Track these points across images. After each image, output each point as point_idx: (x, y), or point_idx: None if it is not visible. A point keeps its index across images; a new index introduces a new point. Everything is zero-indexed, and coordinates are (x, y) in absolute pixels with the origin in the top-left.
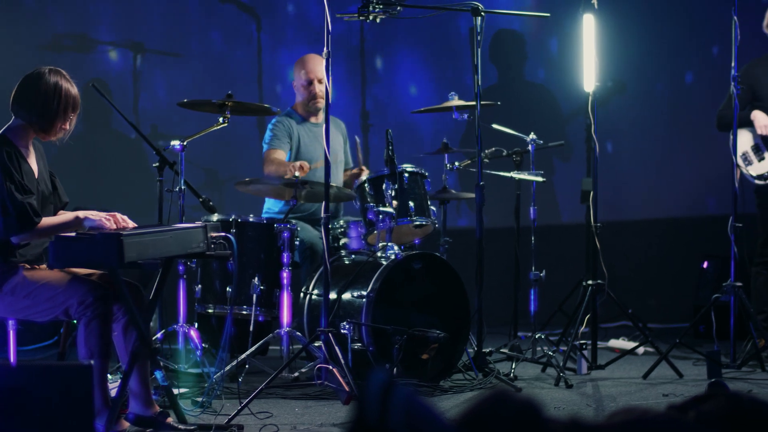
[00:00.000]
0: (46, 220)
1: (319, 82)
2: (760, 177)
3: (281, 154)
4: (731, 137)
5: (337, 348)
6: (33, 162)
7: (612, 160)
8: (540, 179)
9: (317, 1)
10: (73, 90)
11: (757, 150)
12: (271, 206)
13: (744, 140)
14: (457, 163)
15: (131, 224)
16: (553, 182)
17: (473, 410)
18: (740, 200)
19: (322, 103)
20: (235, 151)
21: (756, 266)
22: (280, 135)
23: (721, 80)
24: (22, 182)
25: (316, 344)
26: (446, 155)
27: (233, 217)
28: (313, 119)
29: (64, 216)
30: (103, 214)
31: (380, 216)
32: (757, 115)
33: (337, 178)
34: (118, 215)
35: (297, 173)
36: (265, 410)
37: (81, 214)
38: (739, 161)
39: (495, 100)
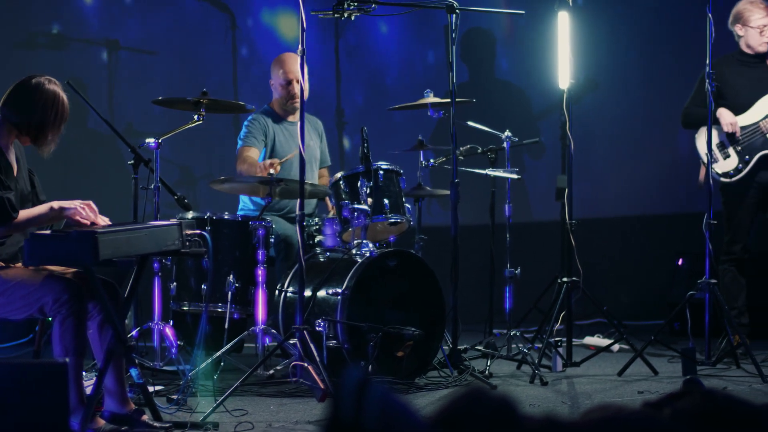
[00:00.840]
0: (23, 213)
1: (297, 82)
2: (725, 174)
3: (255, 152)
4: (696, 135)
5: (312, 345)
6: (13, 159)
7: (587, 157)
8: (515, 176)
9: None
10: (67, 102)
11: (722, 147)
12: (247, 204)
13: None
14: (432, 161)
15: (101, 218)
16: (527, 180)
17: (448, 408)
18: (710, 198)
19: (299, 104)
20: (210, 149)
21: (722, 263)
22: (255, 132)
23: (696, 77)
24: (0, 177)
25: (291, 342)
26: (421, 152)
27: (208, 214)
28: (290, 118)
29: (39, 207)
30: (77, 202)
31: (355, 213)
32: (722, 113)
33: (313, 176)
34: (93, 204)
35: (272, 171)
36: (240, 408)
37: (56, 204)
38: (705, 159)
39: (470, 97)
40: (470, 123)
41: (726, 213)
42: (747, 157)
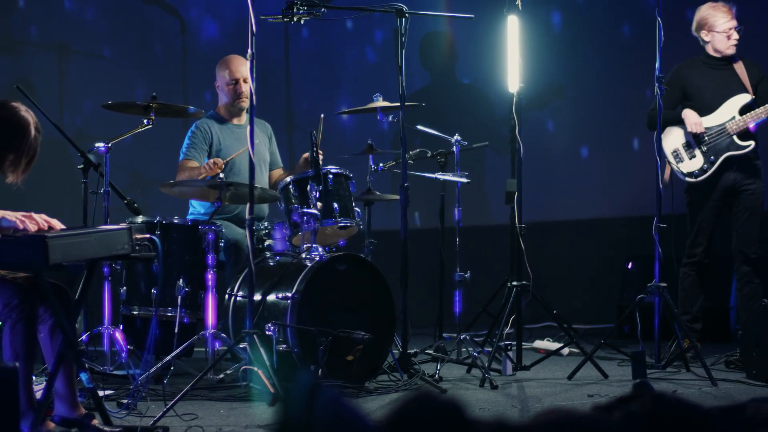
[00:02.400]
0: None
1: (244, 81)
2: (690, 174)
3: (195, 165)
4: (663, 136)
5: (262, 349)
6: None
7: (538, 160)
8: (464, 180)
9: (242, 2)
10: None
11: (688, 147)
12: (197, 208)
13: (676, 138)
14: (381, 165)
15: (56, 224)
16: (479, 183)
17: (397, 412)
18: (671, 200)
19: (246, 103)
20: (160, 153)
21: (684, 266)
22: (197, 143)
23: (650, 80)
24: None
25: (241, 346)
26: (371, 156)
27: (158, 218)
28: (235, 120)
29: None
30: (19, 214)
31: (305, 217)
32: (687, 114)
33: (262, 180)
34: (36, 215)
35: (220, 174)
36: (190, 412)
37: None
38: (671, 159)
39: (424, 101)
40: (419, 127)
41: (690, 214)
42: (712, 158)
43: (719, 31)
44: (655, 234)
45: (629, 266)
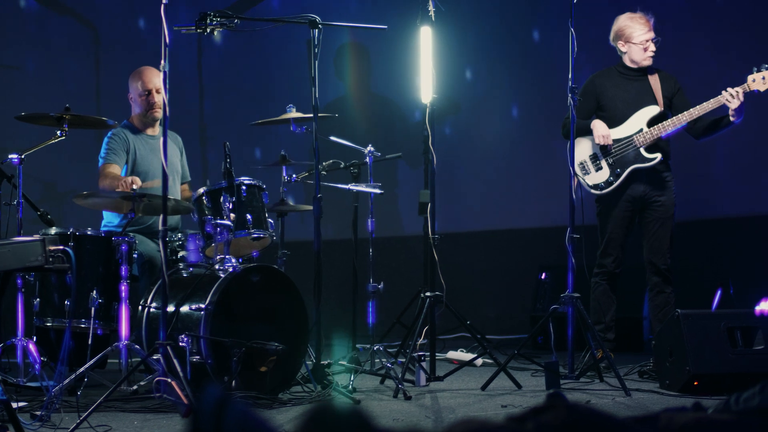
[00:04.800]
0: None
1: (157, 92)
2: (595, 187)
3: (116, 169)
4: (570, 148)
5: (175, 361)
6: None
7: (452, 171)
8: (377, 191)
9: (155, 13)
10: None
11: (595, 159)
12: (110, 219)
13: (583, 150)
14: (294, 176)
15: None
16: (393, 194)
17: (304, 424)
18: (582, 210)
19: (159, 113)
20: (74, 165)
21: (595, 277)
22: (116, 148)
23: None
24: None
25: (154, 357)
26: (284, 167)
27: (71, 230)
28: (149, 131)
29: None
30: None
31: (218, 228)
32: (596, 125)
33: (175, 191)
34: None
35: (134, 186)
36: (104, 423)
37: None
38: (578, 170)
39: (340, 112)
40: (333, 138)
41: (600, 225)
42: (618, 170)
43: (636, 42)
44: (568, 244)
45: (542, 277)
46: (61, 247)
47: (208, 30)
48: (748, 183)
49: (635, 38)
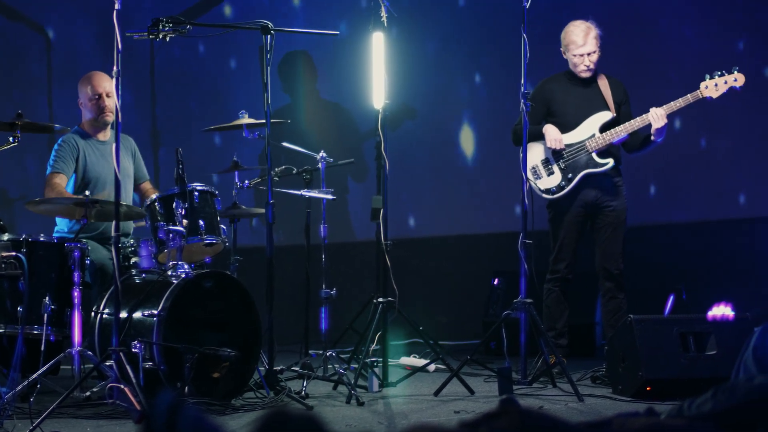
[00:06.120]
0: None
1: (107, 96)
2: (547, 191)
3: (63, 179)
4: (521, 153)
5: (128, 367)
6: None
7: (404, 177)
8: (330, 197)
9: (108, 19)
10: None
11: (547, 164)
12: (62, 226)
13: (535, 154)
14: (247, 181)
15: None
16: (346, 200)
17: (258, 430)
18: (535, 216)
19: (111, 117)
20: (27, 170)
21: (547, 282)
22: (64, 156)
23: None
24: None
25: (107, 363)
26: (236, 173)
27: (24, 236)
28: (100, 136)
29: None
30: None
31: (170, 235)
32: (548, 129)
33: (127, 197)
34: None
35: (86, 191)
36: (57, 430)
37: None
38: (530, 175)
39: (292, 118)
40: (285, 144)
41: (552, 230)
42: (570, 175)
43: (573, 54)
44: (521, 250)
45: (495, 282)
46: (14, 254)
47: (161, 36)
48: (701, 188)
49: (571, 50)
